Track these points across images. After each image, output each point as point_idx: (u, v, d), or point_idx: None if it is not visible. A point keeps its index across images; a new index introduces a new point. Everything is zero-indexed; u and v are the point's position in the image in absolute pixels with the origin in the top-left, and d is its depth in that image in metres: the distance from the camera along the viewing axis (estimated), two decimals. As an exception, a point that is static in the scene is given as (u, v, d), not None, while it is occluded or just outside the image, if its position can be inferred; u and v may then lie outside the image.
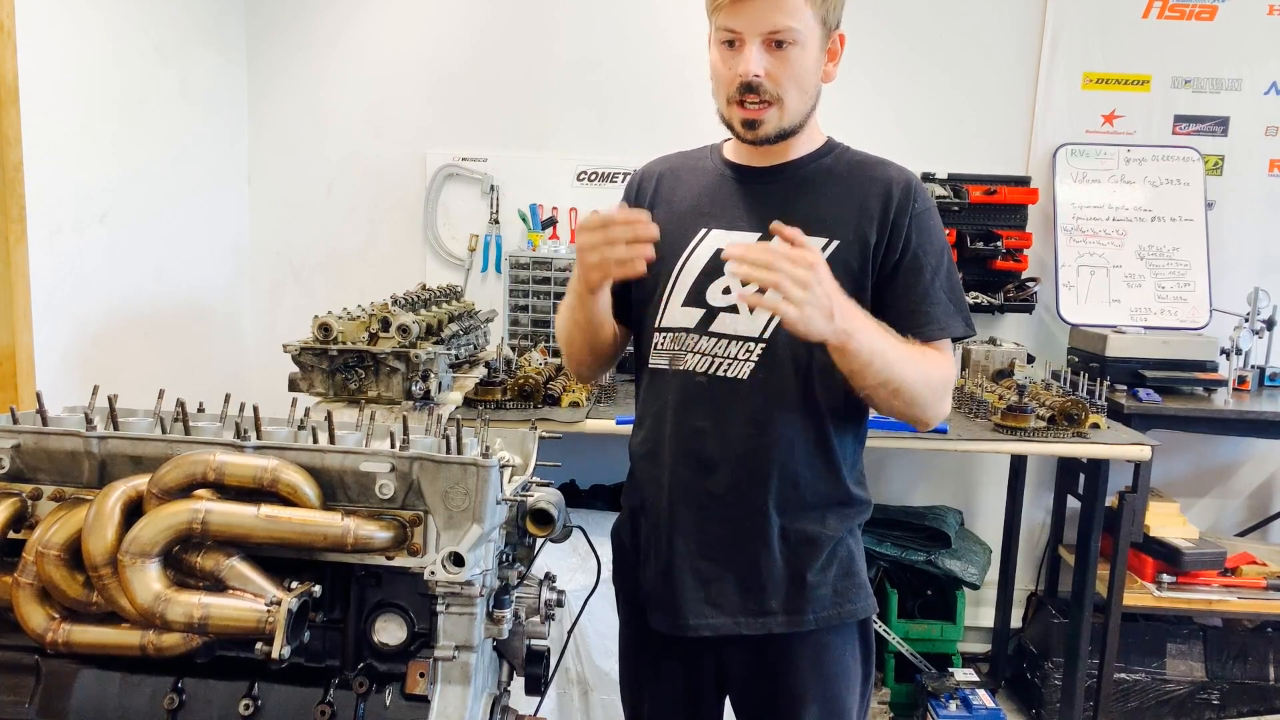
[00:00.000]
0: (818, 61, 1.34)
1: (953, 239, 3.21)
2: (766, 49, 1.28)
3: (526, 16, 3.30)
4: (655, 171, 1.51)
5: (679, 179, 1.48)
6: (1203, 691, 2.96)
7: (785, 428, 1.35)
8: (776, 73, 1.29)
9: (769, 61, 1.28)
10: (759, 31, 1.27)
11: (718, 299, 1.37)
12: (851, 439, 1.43)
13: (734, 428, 1.35)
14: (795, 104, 1.32)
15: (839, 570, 1.40)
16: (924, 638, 3.04)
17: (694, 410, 1.38)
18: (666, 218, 1.41)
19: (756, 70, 1.28)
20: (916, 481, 3.47)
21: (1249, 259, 3.33)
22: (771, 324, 1.34)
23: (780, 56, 1.28)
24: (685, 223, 1.42)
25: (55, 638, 1.07)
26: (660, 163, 1.53)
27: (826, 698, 1.41)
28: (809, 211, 1.36)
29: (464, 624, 1.08)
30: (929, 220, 1.37)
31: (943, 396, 1.35)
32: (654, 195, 1.48)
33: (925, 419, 1.35)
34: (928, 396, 1.31)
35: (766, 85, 1.29)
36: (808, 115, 1.37)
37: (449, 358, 2.25)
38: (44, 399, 1.21)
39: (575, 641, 2.37)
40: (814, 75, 1.34)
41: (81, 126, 2.44)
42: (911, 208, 1.35)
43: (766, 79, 1.29)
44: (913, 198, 1.36)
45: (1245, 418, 2.87)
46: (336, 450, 1.11)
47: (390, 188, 3.38)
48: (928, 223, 1.37)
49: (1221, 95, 3.29)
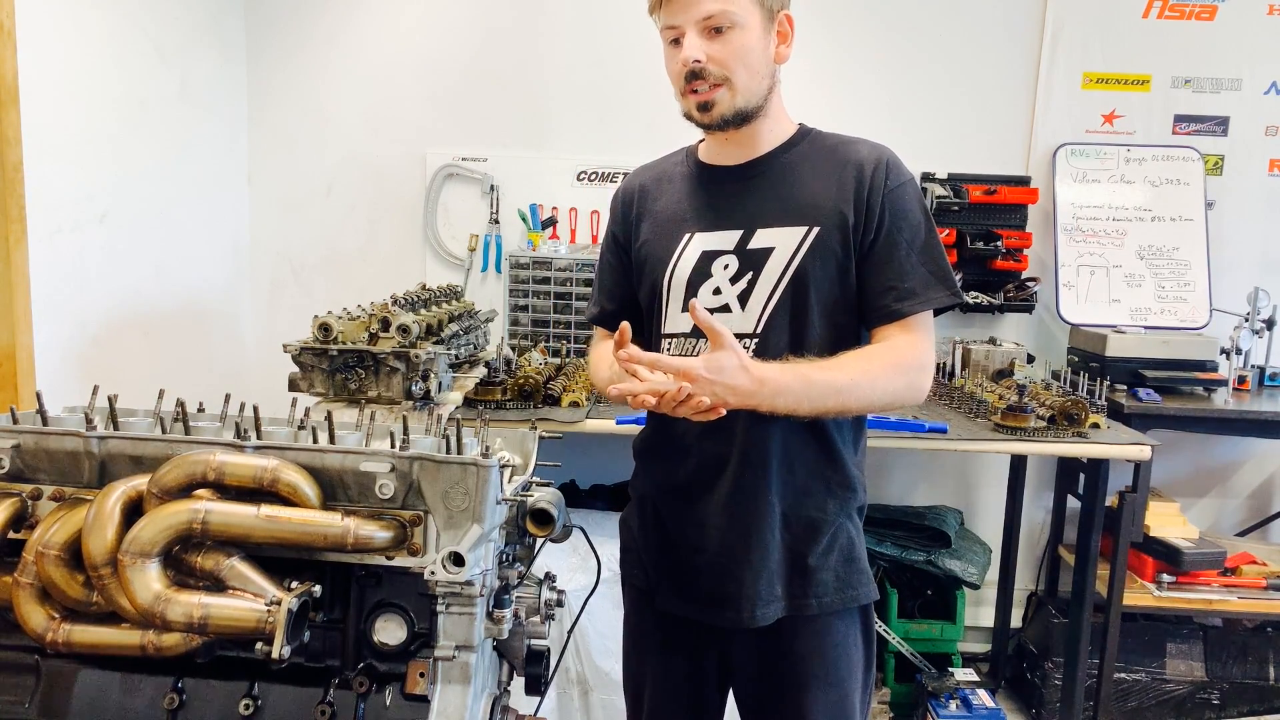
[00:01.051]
0: (763, 42, 1.36)
1: (953, 239, 3.22)
2: (705, 36, 1.33)
3: (526, 16, 3.30)
4: (636, 186, 1.55)
5: (659, 189, 1.51)
6: (1203, 691, 2.96)
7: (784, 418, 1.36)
8: (718, 55, 1.33)
9: (709, 47, 1.32)
10: (694, 20, 1.32)
11: (709, 300, 1.40)
12: (851, 423, 1.45)
13: (739, 422, 1.37)
14: (745, 82, 1.35)
15: (840, 556, 1.42)
16: (924, 637, 3.04)
17: None
18: (652, 229, 1.47)
19: (696, 56, 1.32)
20: (916, 481, 3.47)
21: (1249, 259, 3.33)
22: (763, 319, 1.37)
23: (721, 40, 1.33)
24: (669, 231, 1.45)
25: (55, 638, 1.07)
26: (639, 175, 1.56)
27: (829, 683, 1.42)
28: (787, 202, 1.38)
29: (464, 624, 1.09)
30: (903, 195, 1.38)
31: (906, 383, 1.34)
32: (639, 209, 1.52)
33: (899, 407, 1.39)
34: (883, 394, 1.32)
35: (710, 69, 1.33)
36: (764, 96, 1.38)
37: (449, 358, 2.25)
38: (44, 399, 1.21)
39: (575, 641, 2.37)
40: (760, 55, 1.36)
41: (81, 126, 2.44)
42: (885, 184, 1.37)
43: (709, 63, 1.33)
44: (885, 174, 1.37)
45: (1245, 418, 2.87)
46: (336, 450, 1.11)
47: (390, 188, 3.38)
48: (902, 197, 1.38)
49: (1221, 95, 3.29)
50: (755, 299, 1.37)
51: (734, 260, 1.39)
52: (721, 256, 1.40)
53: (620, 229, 1.55)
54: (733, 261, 1.39)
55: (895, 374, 1.33)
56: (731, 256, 1.39)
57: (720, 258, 1.40)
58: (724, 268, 1.39)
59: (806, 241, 1.35)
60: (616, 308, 1.55)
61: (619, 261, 1.55)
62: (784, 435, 1.38)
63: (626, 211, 1.54)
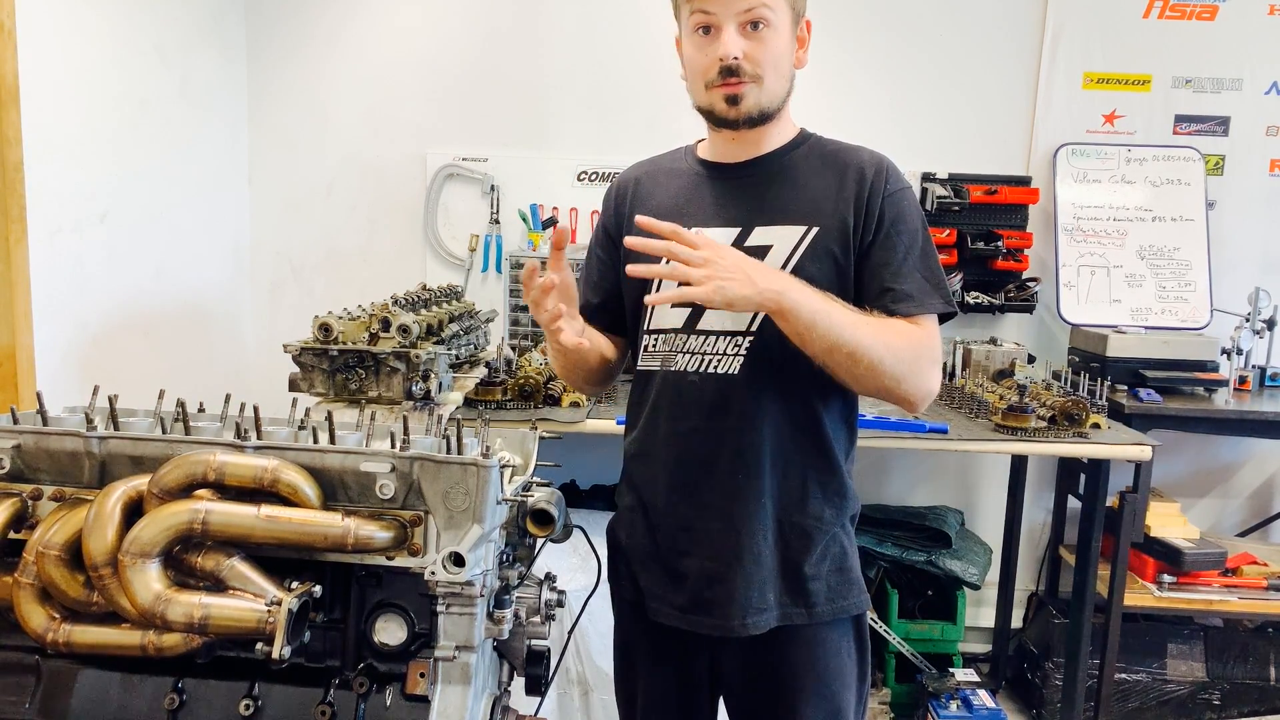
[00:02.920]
0: (790, 45, 1.36)
1: (953, 239, 3.21)
2: (742, 32, 1.31)
3: (527, 16, 3.30)
4: (631, 178, 1.53)
5: (655, 182, 1.49)
6: (1203, 692, 2.96)
7: (778, 420, 1.36)
8: (754, 54, 1.31)
9: (746, 44, 1.31)
10: (734, 13, 1.30)
11: None
12: (845, 426, 1.43)
13: (728, 424, 1.36)
14: (773, 84, 1.34)
15: (832, 565, 1.40)
16: (924, 638, 3.04)
17: (687, 411, 1.38)
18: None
19: (735, 52, 1.30)
20: (917, 481, 3.47)
21: (1249, 259, 3.33)
22: (758, 317, 1.34)
23: (756, 38, 1.31)
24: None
25: (55, 638, 1.07)
26: (636, 168, 1.54)
27: (823, 695, 1.40)
28: (787, 201, 1.37)
29: (464, 624, 1.09)
30: (902, 200, 1.37)
31: (918, 367, 1.31)
32: (632, 200, 1.50)
33: (903, 392, 1.31)
34: (893, 364, 1.28)
35: (745, 67, 1.31)
36: (784, 99, 1.38)
37: (449, 358, 2.25)
38: (44, 399, 1.21)
39: (575, 641, 2.37)
40: (788, 59, 1.36)
41: (81, 126, 2.44)
42: (885, 189, 1.36)
43: (745, 60, 1.31)
44: (885, 179, 1.37)
45: (1246, 418, 2.87)
46: (337, 450, 1.11)
47: (390, 188, 3.38)
48: (901, 203, 1.37)
49: (1222, 95, 3.29)
50: None
51: None
52: None
53: (612, 221, 1.53)
54: None
55: (908, 348, 1.30)
56: None
57: None
58: None
59: (805, 241, 1.34)
60: (601, 301, 1.54)
61: (607, 255, 1.54)
62: (777, 438, 1.36)
63: (620, 204, 1.52)
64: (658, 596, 1.44)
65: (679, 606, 1.41)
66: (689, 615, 1.40)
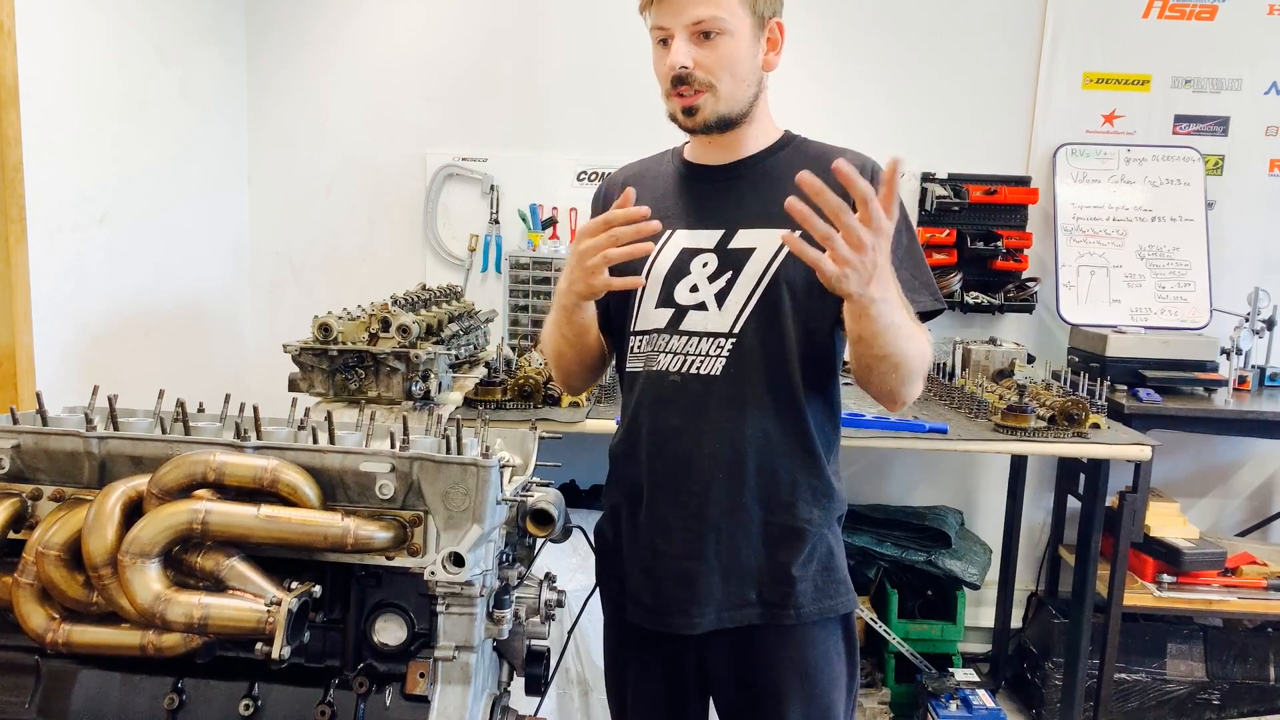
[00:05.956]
0: (752, 49, 1.35)
1: (953, 239, 3.22)
2: (694, 41, 1.32)
3: (526, 17, 3.30)
4: (619, 180, 1.53)
5: (642, 184, 1.49)
6: (1203, 691, 2.96)
7: (761, 420, 1.35)
8: (706, 61, 1.32)
9: (697, 52, 1.32)
10: (683, 24, 1.32)
11: (685, 297, 1.38)
12: (829, 428, 1.43)
13: (709, 424, 1.36)
14: (730, 90, 1.34)
15: (819, 565, 1.40)
16: (924, 638, 3.04)
17: (669, 410, 1.38)
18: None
19: (684, 62, 1.32)
20: (917, 481, 3.47)
21: (1249, 259, 3.33)
22: (740, 319, 1.35)
23: (709, 46, 1.32)
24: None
25: (55, 638, 1.07)
26: (623, 171, 1.55)
27: (812, 694, 1.40)
28: (771, 204, 1.35)
29: (464, 624, 1.08)
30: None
31: (923, 375, 1.35)
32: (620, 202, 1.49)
33: (903, 396, 1.34)
34: (917, 375, 1.32)
35: (697, 75, 1.33)
36: (750, 103, 1.38)
37: (449, 358, 2.26)
38: (44, 399, 1.21)
39: (575, 641, 2.37)
40: (748, 63, 1.35)
41: (81, 126, 2.44)
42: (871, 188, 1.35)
43: (696, 69, 1.32)
44: (871, 178, 1.35)
45: (1245, 418, 2.87)
46: (336, 450, 1.11)
47: (390, 188, 3.38)
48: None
49: (1222, 95, 3.29)
50: (733, 299, 1.36)
51: (713, 259, 1.38)
52: (701, 254, 1.38)
53: None
54: (712, 260, 1.38)
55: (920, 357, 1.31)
56: (711, 255, 1.38)
57: (699, 256, 1.38)
58: (702, 265, 1.38)
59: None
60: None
61: None
62: (759, 439, 1.35)
63: (608, 206, 1.51)
64: (633, 597, 1.44)
65: (648, 607, 1.41)
66: (654, 615, 1.40)
